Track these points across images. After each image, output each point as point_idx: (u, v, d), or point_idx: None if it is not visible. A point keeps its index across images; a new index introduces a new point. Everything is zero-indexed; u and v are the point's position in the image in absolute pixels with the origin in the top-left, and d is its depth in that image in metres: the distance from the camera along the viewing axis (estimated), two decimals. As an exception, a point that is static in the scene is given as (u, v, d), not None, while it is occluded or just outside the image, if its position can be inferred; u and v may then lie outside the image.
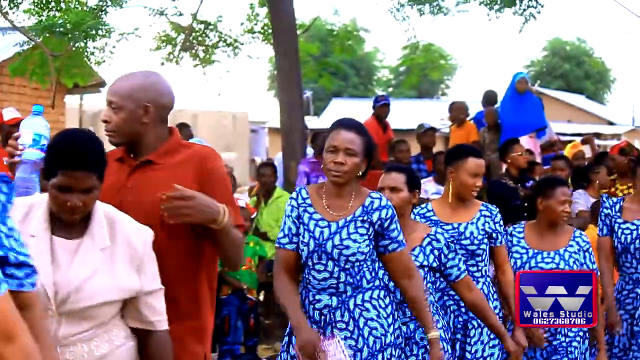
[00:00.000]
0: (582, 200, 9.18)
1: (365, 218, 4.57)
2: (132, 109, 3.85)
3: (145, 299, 3.56)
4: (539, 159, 11.33)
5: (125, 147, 3.95)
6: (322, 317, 4.58)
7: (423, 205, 5.82)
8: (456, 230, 5.67)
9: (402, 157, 10.94)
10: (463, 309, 5.54)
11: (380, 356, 4.52)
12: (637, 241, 6.31)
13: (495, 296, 5.76)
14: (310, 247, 4.58)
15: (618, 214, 6.44)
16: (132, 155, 3.95)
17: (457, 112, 12.61)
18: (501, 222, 5.78)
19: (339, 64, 29.40)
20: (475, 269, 5.64)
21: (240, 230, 3.87)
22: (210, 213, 3.67)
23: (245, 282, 8.92)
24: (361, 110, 15.90)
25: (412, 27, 15.21)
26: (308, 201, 4.66)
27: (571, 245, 5.95)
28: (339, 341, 4.43)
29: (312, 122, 32.20)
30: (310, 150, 12.05)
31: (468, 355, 5.52)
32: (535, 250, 5.98)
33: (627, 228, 6.39)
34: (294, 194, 4.74)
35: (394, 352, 4.59)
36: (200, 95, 78.88)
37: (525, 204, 8.53)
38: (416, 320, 4.99)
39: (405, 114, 27.58)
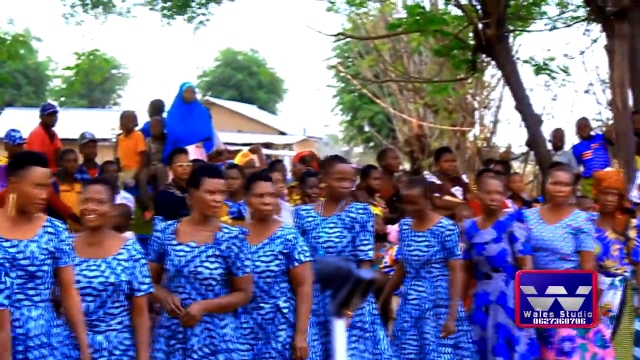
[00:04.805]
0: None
1: None
2: None
3: None
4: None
5: None
6: None
7: None
8: (16, 248, 5.13)
9: (69, 167, 11.16)
10: None
11: None
12: (191, 264, 5.80)
13: (56, 322, 5.30)
14: None
15: (172, 236, 5.92)
16: None
17: (127, 121, 12.56)
18: (67, 241, 5.33)
19: (9, 74, 28.57)
20: (33, 292, 5.15)
21: None
22: None
23: None
24: (32, 119, 15.64)
25: (87, 32, 15.38)
26: None
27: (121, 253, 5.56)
28: None
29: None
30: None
31: None
32: (82, 259, 5.50)
33: (182, 250, 5.86)
34: None
35: None
36: None
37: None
38: None
39: (76, 124, 27.23)
